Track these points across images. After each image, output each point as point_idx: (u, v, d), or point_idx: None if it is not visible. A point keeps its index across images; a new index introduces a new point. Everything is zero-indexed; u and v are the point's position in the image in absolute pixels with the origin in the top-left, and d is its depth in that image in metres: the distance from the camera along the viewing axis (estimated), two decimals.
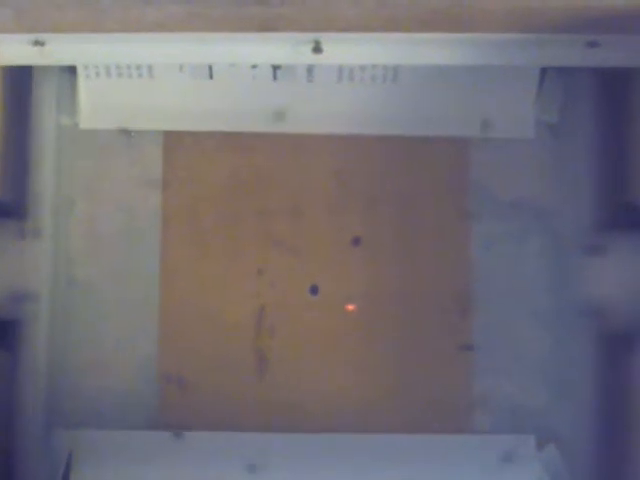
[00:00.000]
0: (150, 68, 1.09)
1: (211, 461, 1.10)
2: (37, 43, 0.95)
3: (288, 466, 1.10)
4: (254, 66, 1.09)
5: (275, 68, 1.09)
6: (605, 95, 1.09)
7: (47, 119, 1.10)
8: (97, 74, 1.10)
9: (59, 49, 0.96)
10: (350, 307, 1.13)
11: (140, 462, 1.10)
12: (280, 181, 1.14)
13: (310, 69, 1.09)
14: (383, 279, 1.13)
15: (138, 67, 1.09)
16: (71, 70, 1.11)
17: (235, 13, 0.90)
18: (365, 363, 1.13)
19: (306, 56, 0.95)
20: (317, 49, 0.94)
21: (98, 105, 1.12)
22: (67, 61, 1.00)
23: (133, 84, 1.11)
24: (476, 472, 1.10)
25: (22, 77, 1.06)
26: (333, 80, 1.11)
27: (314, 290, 1.13)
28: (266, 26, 0.92)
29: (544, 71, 1.11)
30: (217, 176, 1.14)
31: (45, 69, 1.08)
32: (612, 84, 1.07)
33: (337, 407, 1.12)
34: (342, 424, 1.12)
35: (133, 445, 1.10)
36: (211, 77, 1.11)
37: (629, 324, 1.06)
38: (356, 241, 1.14)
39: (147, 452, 1.10)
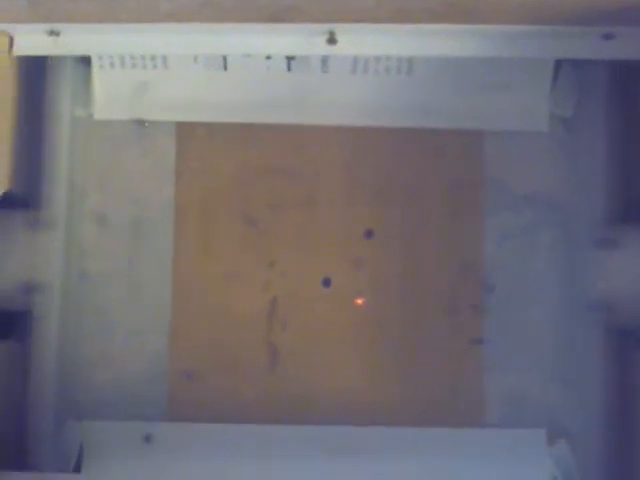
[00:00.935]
0: (164, 59, 1.09)
1: (221, 453, 1.10)
2: (52, 33, 0.95)
3: (299, 458, 1.10)
4: (268, 57, 1.09)
5: (289, 59, 1.09)
6: (619, 89, 1.09)
7: (61, 110, 1.10)
8: (111, 65, 1.10)
9: (74, 39, 0.96)
10: (359, 301, 1.13)
11: (151, 453, 1.10)
12: (293, 173, 1.14)
13: (325, 60, 1.09)
14: (395, 272, 1.13)
15: (152, 58, 1.09)
16: (85, 61, 1.11)
17: (248, 3, 0.91)
18: (376, 356, 1.13)
19: (320, 47, 0.96)
20: (332, 40, 0.95)
21: (112, 96, 1.13)
22: (82, 51, 1.01)
23: (147, 75, 1.11)
24: (486, 466, 1.10)
25: (37, 68, 1.07)
26: (347, 71, 1.11)
27: (326, 282, 1.13)
28: (279, 17, 0.92)
29: (558, 65, 1.11)
30: (230, 167, 1.14)
31: (60, 59, 1.08)
32: (626, 78, 1.07)
33: (348, 400, 1.12)
34: (352, 417, 1.12)
35: (144, 437, 1.10)
36: (225, 68, 1.11)
37: (639, 318, 1.06)
38: (369, 234, 1.14)
39: (158, 443, 1.10)
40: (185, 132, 1.14)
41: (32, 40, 0.96)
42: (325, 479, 1.10)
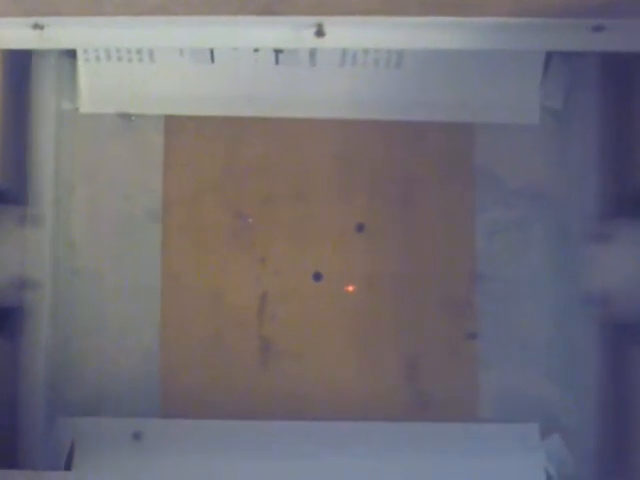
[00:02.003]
0: (151, 52, 1.09)
1: (213, 448, 1.09)
2: (37, 27, 0.95)
3: (292, 454, 1.10)
4: (256, 50, 1.09)
5: (277, 52, 1.09)
6: (610, 81, 1.09)
7: (47, 104, 1.10)
8: (97, 58, 1.10)
9: (59, 33, 0.95)
10: (350, 288, 1.13)
11: (142, 449, 1.10)
12: (283, 166, 1.14)
13: (313, 53, 1.09)
14: (387, 266, 1.13)
15: (139, 51, 1.09)
16: (71, 53, 1.10)
17: None
18: (368, 350, 1.12)
19: (309, 40, 0.95)
20: (319, 32, 0.94)
21: (98, 89, 1.12)
22: (67, 45, 1.00)
23: (134, 68, 1.11)
24: (480, 460, 1.10)
25: (22, 61, 1.06)
26: (336, 64, 1.10)
27: (317, 277, 1.13)
28: (269, 9, 0.92)
29: (549, 57, 1.10)
30: (219, 161, 1.14)
31: (45, 53, 1.08)
32: (617, 71, 1.07)
33: (340, 395, 1.12)
34: (346, 412, 1.12)
35: (135, 433, 1.09)
36: (212, 61, 1.10)
37: (633, 313, 1.06)
38: (360, 228, 1.13)
39: (149, 440, 1.10)
40: (173, 125, 1.14)
41: (16, 34, 0.95)
42: (319, 474, 1.10)
